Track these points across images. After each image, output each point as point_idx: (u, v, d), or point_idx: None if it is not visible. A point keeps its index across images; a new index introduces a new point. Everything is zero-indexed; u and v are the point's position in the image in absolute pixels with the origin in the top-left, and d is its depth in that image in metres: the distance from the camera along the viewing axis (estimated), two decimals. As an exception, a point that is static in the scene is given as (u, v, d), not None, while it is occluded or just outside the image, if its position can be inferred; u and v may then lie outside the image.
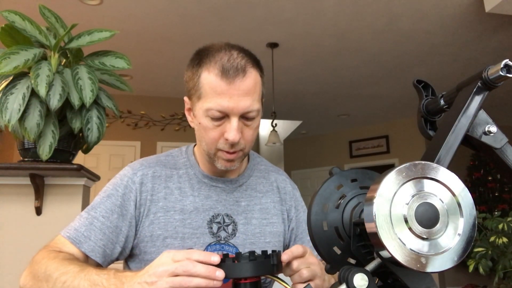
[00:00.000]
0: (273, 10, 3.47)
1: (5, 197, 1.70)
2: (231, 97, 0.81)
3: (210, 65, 0.83)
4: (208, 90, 0.82)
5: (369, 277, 0.44)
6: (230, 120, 0.83)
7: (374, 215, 0.41)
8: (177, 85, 5.18)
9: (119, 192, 0.90)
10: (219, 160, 0.88)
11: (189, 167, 0.96)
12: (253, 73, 0.84)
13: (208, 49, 0.86)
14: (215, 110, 0.81)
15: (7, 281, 1.63)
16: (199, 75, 0.84)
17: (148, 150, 5.30)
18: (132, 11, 3.45)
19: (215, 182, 0.95)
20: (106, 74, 1.71)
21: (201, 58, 0.85)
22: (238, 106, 0.81)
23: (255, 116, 0.85)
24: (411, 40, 4.08)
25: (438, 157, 0.47)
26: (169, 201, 0.91)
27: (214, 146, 0.86)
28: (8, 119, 1.42)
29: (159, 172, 0.94)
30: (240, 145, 0.86)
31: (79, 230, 0.86)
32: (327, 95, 5.68)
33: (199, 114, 0.86)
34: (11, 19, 1.49)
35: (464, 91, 0.53)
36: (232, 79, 0.80)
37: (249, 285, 0.66)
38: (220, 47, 0.85)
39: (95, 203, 0.90)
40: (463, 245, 0.42)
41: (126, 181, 0.92)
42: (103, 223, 0.86)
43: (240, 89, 0.81)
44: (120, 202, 0.89)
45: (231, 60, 0.82)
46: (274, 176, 1.05)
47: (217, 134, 0.85)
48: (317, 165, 7.60)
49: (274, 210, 1.00)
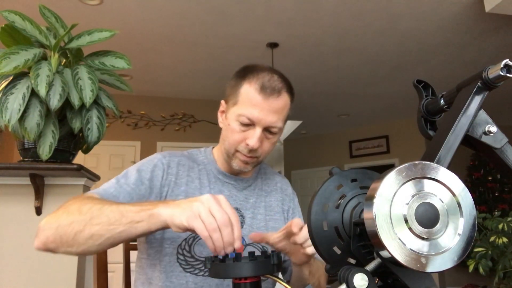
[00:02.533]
0: (273, 10, 3.47)
1: (5, 197, 1.70)
2: (262, 110, 0.93)
3: (252, 79, 0.96)
4: (245, 99, 0.95)
5: (369, 277, 0.44)
6: (255, 129, 0.95)
7: (374, 215, 0.41)
8: (177, 85, 5.18)
9: (148, 168, 0.99)
10: (236, 160, 1.00)
11: (207, 164, 1.08)
12: (285, 97, 0.97)
13: (255, 67, 1.00)
14: (245, 117, 0.94)
15: (7, 281, 1.63)
16: (241, 85, 0.97)
17: (148, 150, 5.30)
18: (132, 11, 3.45)
19: (228, 179, 1.06)
20: (106, 74, 1.71)
21: (246, 72, 0.98)
22: (265, 119, 0.94)
23: (276, 132, 0.98)
24: (411, 40, 4.08)
25: (438, 157, 0.47)
26: (189, 188, 1.01)
27: (234, 147, 0.98)
28: (8, 119, 1.42)
29: (183, 162, 1.05)
30: (257, 152, 0.98)
31: (109, 191, 0.91)
32: (327, 95, 5.68)
33: (231, 117, 0.98)
34: (11, 19, 1.49)
35: (464, 91, 0.53)
36: (267, 96, 0.93)
37: (249, 285, 0.66)
38: (265, 68, 0.99)
39: (124, 174, 0.97)
40: (463, 245, 0.42)
41: (155, 161, 1.01)
42: (132, 189, 0.93)
43: (271, 106, 0.94)
44: (149, 176, 0.97)
45: (271, 81, 0.95)
46: (278, 179, 1.18)
47: (240, 137, 0.96)
48: (317, 165, 7.59)
49: (277, 208, 1.11)
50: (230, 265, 0.65)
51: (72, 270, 1.69)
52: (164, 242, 0.96)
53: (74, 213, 0.78)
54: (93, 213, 0.76)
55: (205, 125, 5.57)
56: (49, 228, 0.79)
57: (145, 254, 1.00)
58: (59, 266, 1.68)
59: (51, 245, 0.79)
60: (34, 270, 1.65)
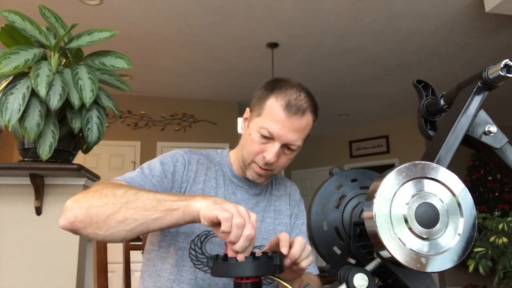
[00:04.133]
0: (273, 10, 3.46)
1: (5, 197, 1.70)
2: (284, 127, 0.94)
3: (279, 95, 0.96)
4: (269, 113, 0.96)
5: (369, 277, 0.44)
6: (274, 143, 0.96)
7: (374, 215, 0.41)
8: (177, 85, 5.18)
9: (171, 162, 1.00)
10: (250, 171, 1.02)
11: (223, 165, 1.10)
12: (309, 117, 0.98)
13: (284, 81, 1.00)
14: (266, 131, 0.95)
15: (7, 281, 1.63)
16: (267, 98, 0.98)
17: (148, 150, 5.30)
18: (132, 11, 3.45)
19: (242, 183, 1.08)
20: (106, 74, 1.71)
21: (275, 86, 0.99)
22: (286, 136, 0.95)
23: (294, 150, 0.99)
24: (411, 40, 4.08)
25: (438, 157, 0.47)
26: (206, 186, 1.03)
27: (251, 157, 1.00)
28: (8, 119, 1.42)
29: (202, 161, 1.06)
30: (272, 166, 0.99)
31: (135, 179, 0.91)
32: (327, 95, 5.68)
33: (253, 127, 0.99)
34: (11, 19, 1.49)
35: (464, 91, 0.53)
36: (292, 115, 0.94)
37: (250, 285, 0.66)
38: (294, 84, 1.00)
39: (148, 165, 0.97)
40: (463, 245, 0.42)
41: (177, 156, 1.03)
42: (158, 181, 0.94)
43: (294, 125, 0.95)
44: (172, 170, 0.99)
45: (297, 100, 0.96)
46: (288, 184, 1.20)
47: (259, 149, 0.98)
48: (317, 165, 7.59)
49: (286, 212, 1.13)
50: (233, 264, 0.65)
51: (72, 270, 1.69)
52: (178, 236, 0.97)
53: (108, 195, 0.77)
54: (128, 197, 0.76)
55: (205, 125, 5.57)
56: (79, 207, 0.77)
57: (156, 246, 1.01)
58: (59, 266, 1.67)
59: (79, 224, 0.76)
60: (34, 270, 1.65)
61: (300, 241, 0.73)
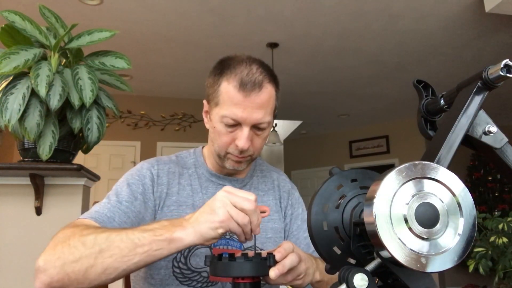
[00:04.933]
0: (273, 10, 3.46)
1: (5, 197, 1.70)
2: (245, 109, 0.87)
3: (230, 76, 0.88)
4: (226, 99, 0.88)
5: (369, 277, 0.44)
6: (242, 128, 0.89)
7: (374, 215, 0.41)
8: (177, 85, 5.18)
9: (139, 181, 0.93)
10: (228, 161, 0.94)
11: (197, 167, 1.03)
12: (268, 88, 0.90)
13: (231, 60, 0.92)
14: (229, 118, 0.88)
15: (7, 281, 1.63)
16: (219, 83, 0.90)
17: (148, 150, 5.30)
18: (132, 11, 3.45)
19: (222, 181, 1.01)
20: (106, 74, 1.71)
21: (223, 68, 0.91)
22: (251, 117, 0.87)
23: (265, 127, 0.92)
24: (411, 40, 4.08)
25: (438, 157, 0.47)
26: (181, 196, 0.96)
27: (224, 149, 0.93)
28: (8, 119, 1.42)
29: (173, 169, 0.99)
30: (248, 151, 0.92)
31: (102, 212, 0.84)
32: (327, 95, 5.68)
33: (215, 119, 0.92)
34: (11, 19, 1.48)
35: (464, 91, 0.53)
36: (248, 93, 0.86)
37: (249, 285, 0.66)
38: (242, 60, 0.91)
39: (115, 191, 0.90)
40: (463, 245, 0.42)
41: (144, 172, 0.95)
42: (127, 207, 0.87)
43: (255, 102, 0.87)
44: (141, 189, 0.92)
45: (250, 75, 0.87)
46: (275, 176, 1.12)
47: (229, 139, 0.91)
48: (317, 165, 7.59)
49: (275, 207, 1.06)
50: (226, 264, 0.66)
51: (72, 270, 1.69)
52: None
53: (78, 246, 0.70)
54: (100, 244, 0.69)
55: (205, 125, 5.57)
56: (53, 267, 0.71)
57: None
58: (59, 266, 1.67)
59: (57, 284, 0.71)
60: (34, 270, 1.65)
61: (291, 260, 0.72)
